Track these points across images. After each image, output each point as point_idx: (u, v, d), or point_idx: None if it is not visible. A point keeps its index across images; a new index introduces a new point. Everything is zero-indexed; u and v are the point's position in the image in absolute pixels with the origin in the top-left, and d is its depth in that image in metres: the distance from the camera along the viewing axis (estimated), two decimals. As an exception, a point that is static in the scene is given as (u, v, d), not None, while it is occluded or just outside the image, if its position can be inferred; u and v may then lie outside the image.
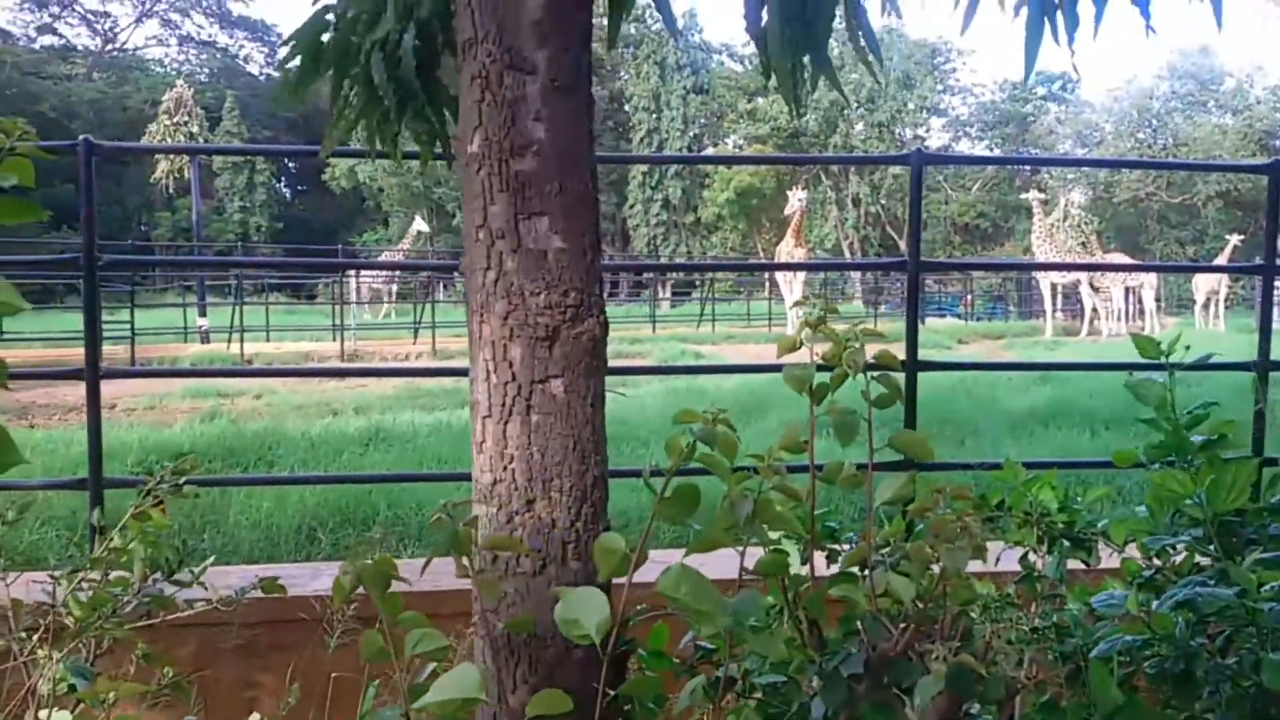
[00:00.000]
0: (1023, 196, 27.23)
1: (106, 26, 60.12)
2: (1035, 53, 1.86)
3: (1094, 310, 26.52)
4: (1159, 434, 2.29)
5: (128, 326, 18.20)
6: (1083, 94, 61.82)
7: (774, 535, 2.04)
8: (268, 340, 21.90)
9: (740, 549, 1.28)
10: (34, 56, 53.64)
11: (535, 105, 1.71)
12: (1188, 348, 2.34)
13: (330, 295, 29.19)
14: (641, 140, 50.17)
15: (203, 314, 23.17)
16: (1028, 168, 50.28)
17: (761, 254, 48.18)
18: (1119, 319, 27.62)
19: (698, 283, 39.48)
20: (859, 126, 49.23)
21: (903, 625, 1.38)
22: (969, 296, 35.91)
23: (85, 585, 1.84)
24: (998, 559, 2.18)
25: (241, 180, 50.94)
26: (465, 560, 1.41)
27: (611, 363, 1.87)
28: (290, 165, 58.58)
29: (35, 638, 1.82)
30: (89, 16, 59.32)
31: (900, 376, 1.63)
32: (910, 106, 50.75)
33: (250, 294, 27.69)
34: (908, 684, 1.33)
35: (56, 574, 1.73)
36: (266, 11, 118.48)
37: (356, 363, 18.66)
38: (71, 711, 1.83)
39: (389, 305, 31.01)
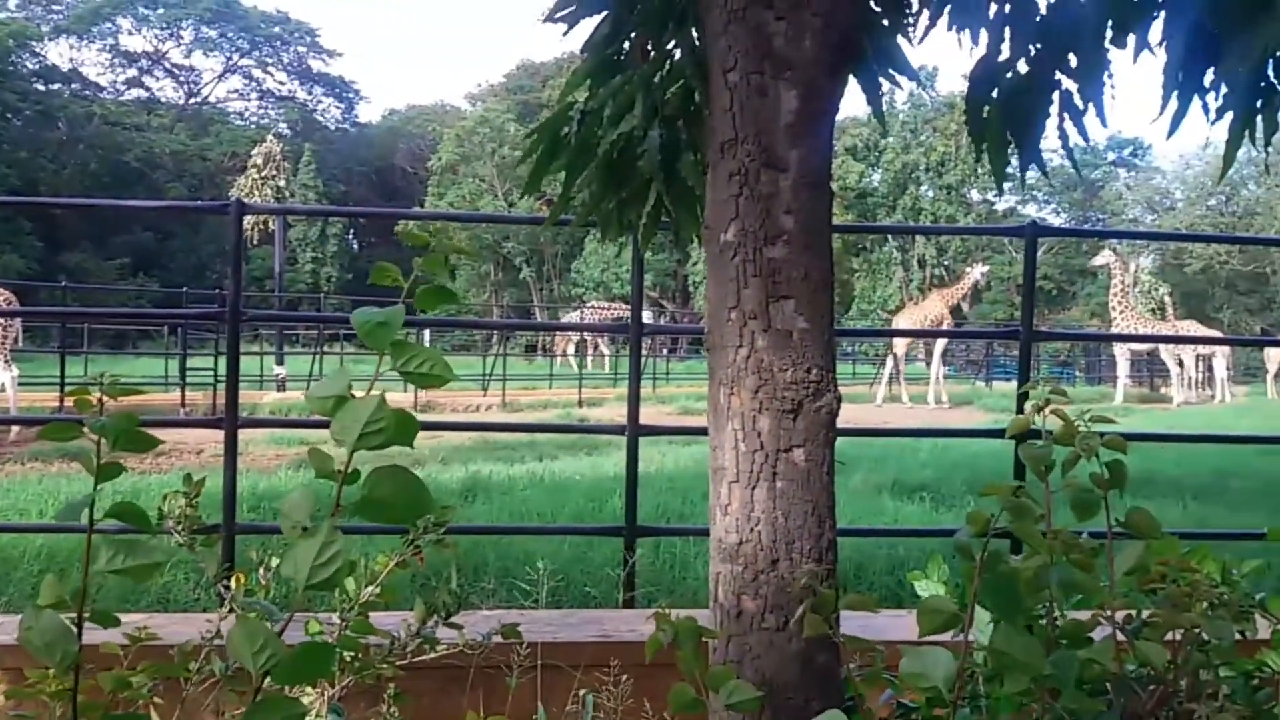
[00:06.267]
0: (1098, 262, 27.02)
1: (191, 81, 62.36)
2: (1234, 156, 2.01)
3: (1179, 375, 26.33)
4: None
5: (209, 373, 18.73)
6: (1154, 160, 61.62)
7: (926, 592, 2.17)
8: (343, 389, 22.30)
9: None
10: (121, 109, 55.65)
11: (787, 199, 1.89)
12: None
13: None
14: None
15: (280, 362, 23.70)
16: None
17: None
18: (1190, 387, 27.34)
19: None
20: (925, 188, 49.33)
21: (1152, 687, 1.51)
22: (1035, 361, 35.55)
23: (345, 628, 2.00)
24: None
25: (314, 232, 52.14)
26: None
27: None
28: (360, 219, 59.98)
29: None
30: (174, 71, 61.57)
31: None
32: (980, 171, 50.84)
33: (324, 343, 28.21)
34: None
35: (343, 616, 1.90)
36: (345, 69, 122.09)
37: (428, 412, 18.95)
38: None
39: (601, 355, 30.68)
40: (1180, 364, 26.55)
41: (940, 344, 23.91)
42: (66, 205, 36.79)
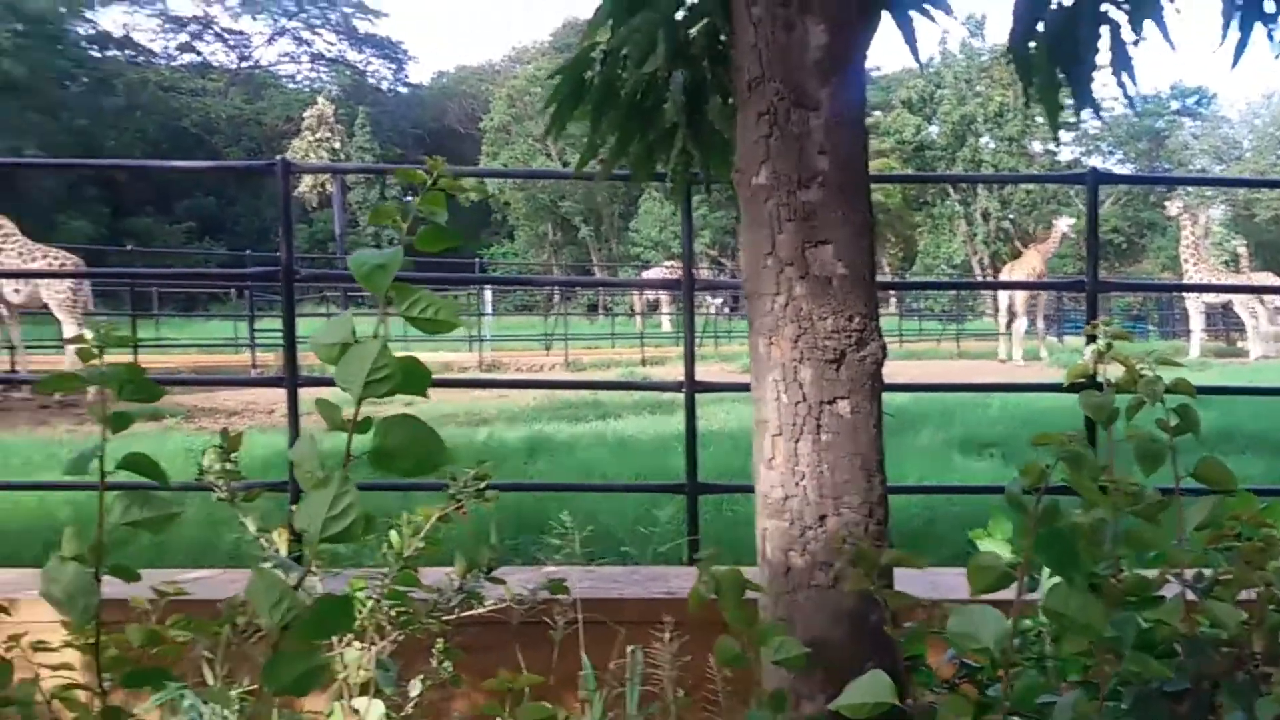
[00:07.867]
0: (1169, 214, 26.29)
1: (241, 44, 62.59)
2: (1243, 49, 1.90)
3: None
4: None
5: (279, 334, 19.02)
6: (1220, 109, 59.81)
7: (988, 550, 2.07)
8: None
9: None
10: (175, 74, 55.91)
11: (820, 139, 1.80)
12: None
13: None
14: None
15: (346, 323, 23.98)
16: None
17: (887, 271, 47.33)
18: (1268, 341, 26.56)
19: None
20: (985, 140, 48.19)
21: (1225, 650, 1.41)
22: (1106, 314, 34.75)
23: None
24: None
25: (374, 194, 52.43)
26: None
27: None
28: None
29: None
30: (224, 35, 61.79)
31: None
32: (1039, 121, 49.47)
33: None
34: (1237, 706, 1.36)
35: (384, 571, 1.88)
36: (393, 30, 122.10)
37: (494, 372, 19.06)
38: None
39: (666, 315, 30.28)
40: (1255, 317, 25.73)
41: (1042, 300, 23.36)
42: (115, 165, 37.20)
